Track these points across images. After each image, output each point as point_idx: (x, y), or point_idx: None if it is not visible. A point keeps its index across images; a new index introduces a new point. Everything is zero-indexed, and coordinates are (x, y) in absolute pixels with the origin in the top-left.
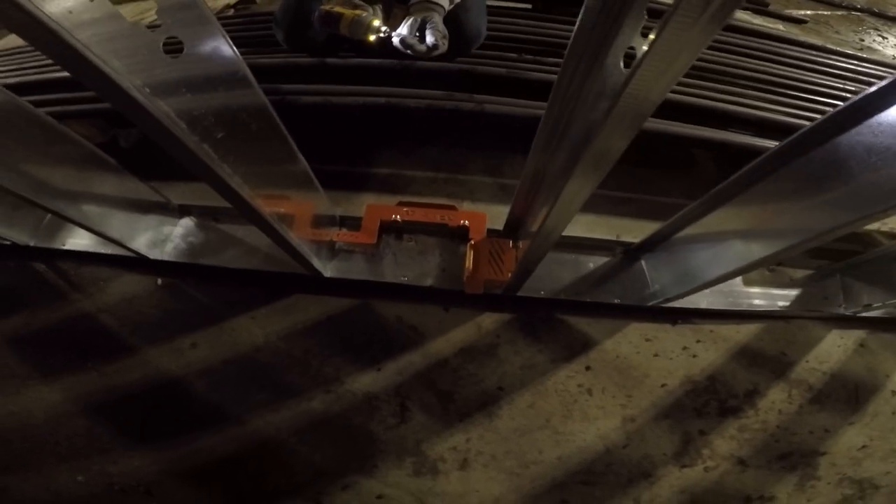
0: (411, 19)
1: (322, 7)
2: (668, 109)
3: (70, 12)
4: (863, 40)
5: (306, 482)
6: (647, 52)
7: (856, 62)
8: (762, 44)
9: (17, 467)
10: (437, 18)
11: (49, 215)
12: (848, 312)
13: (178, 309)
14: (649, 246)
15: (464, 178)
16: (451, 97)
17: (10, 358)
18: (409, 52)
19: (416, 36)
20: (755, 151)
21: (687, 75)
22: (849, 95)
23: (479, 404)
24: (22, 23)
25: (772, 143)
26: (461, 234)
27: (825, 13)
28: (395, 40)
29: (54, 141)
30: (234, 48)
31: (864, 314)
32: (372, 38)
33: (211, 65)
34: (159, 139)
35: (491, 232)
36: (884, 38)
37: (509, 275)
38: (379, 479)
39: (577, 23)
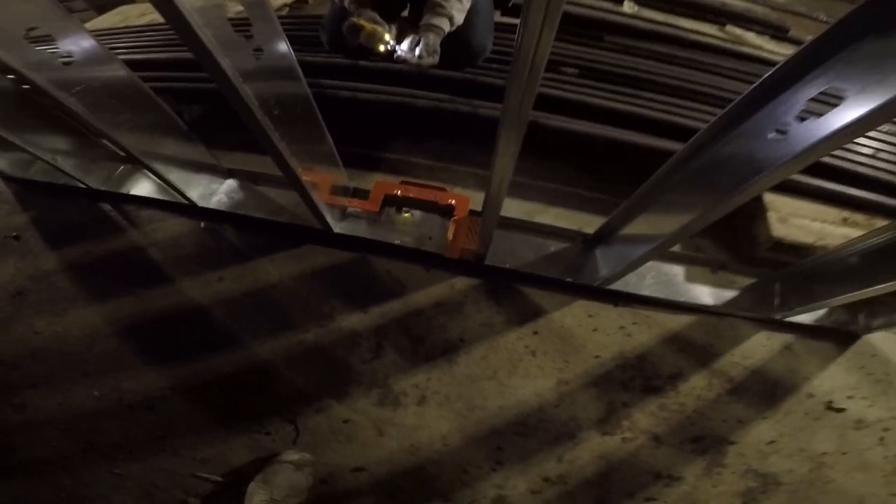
0: (412, 37)
1: (351, 19)
2: (650, 125)
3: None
4: None
5: (287, 403)
6: None
7: None
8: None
9: (42, 383)
10: (434, 38)
11: (122, 166)
12: (778, 316)
13: (213, 248)
14: (602, 237)
15: (458, 167)
16: (453, 101)
17: (66, 282)
18: (404, 62)
19: (412, 50)
20: None
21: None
22: None
23: (442, 350)
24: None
25: None
26: (448, 211)
27: None
28: (396, 52)
29: (154, 111)
30: (291, 48)
31: (792, 319)
32: (381, 48)
33: (275, 60)
34: (241, 113)
35: (473, 212)
36: None
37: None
38: (348, 406)
39: None
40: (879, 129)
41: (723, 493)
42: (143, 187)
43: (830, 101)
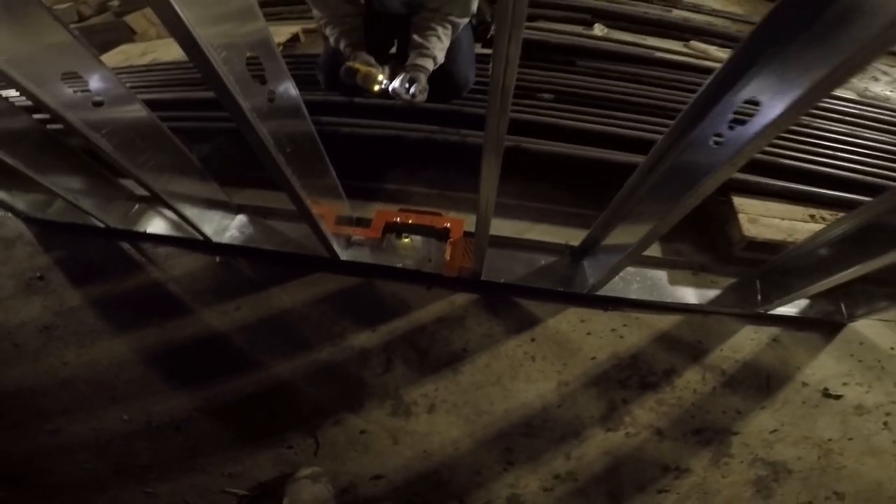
0: (402, 76)
1: (347, 63)
2: (622, 143)
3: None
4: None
5: (307, 417)
6: None
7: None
8: None
9: (74, 409)
10: (422, 77)
11: (137, 205)
12: (761, 310)
13: (229, 280)
14: (587, 249)
15: (451, 193)
16: (442, 131)
17: (91, 317)
18: (397, 99)
19: (404, 88)
20: None
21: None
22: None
23: (447, 361)
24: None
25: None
26: (444, 234)
27: None
28: (390, 90)
29: (171, 150)
30: (297, 90)
31: (776, 312)
32: (376, 88)
33: (285, 99)
34: (259, 151)
35: (467, 233)
36: (863, 70)
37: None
38: (363, 417)
39: None
40: (837, 132)
41: (734, 483)
42: (158, 225)
43: (751, 109)
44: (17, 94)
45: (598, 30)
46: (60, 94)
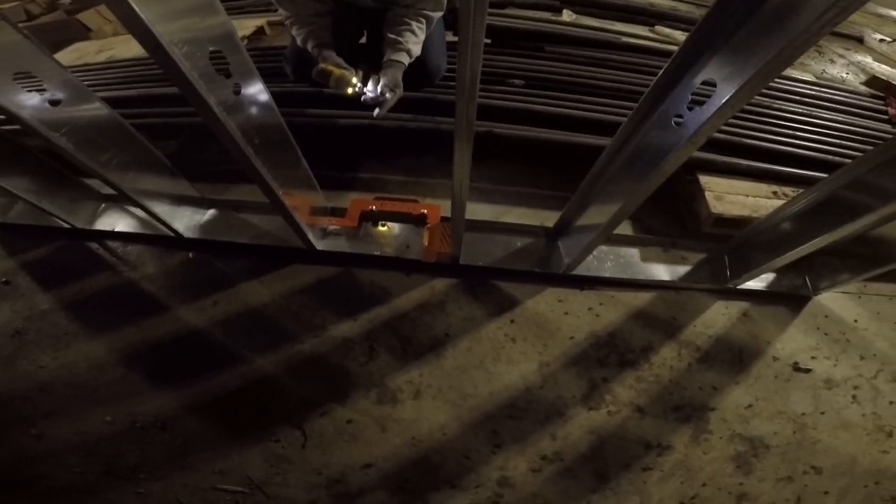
0: (376, 78)
1: (319, 65)
2: (591, 126)
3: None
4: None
5: (293, 410)
6: None
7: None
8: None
9: (57, 412)
10: (396, 73)
11: (104, 204)
12: (731, 285)
13: (204, 276)
14: (562, 230)
15: (427, 180)
16: (415, 119)
17: (63, 319)
18: (373, 101)
19: (381, 92)
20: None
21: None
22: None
23: (430, 346)
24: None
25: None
26: (421, 220)
27: None
28: (365, 94)
29: (135, 147)
30: (264, 83)
31: (745, 286)
32: (350, 91)
33: (251, 93)
34: (226, 144)
35: (444, 219)
36: (820, 53)
37: None
38: (349, 407)
39: None
40: (796, 113)
41: (715, 459)
42: (127, 223)
43: (709, 90)
44: None
45: (567, 16)
46: (13, 94)
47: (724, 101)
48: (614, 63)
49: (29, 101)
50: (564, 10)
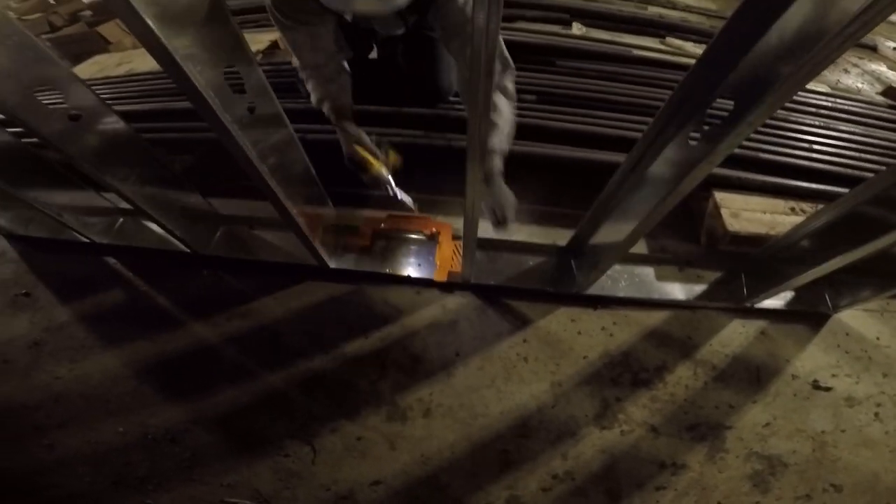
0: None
1: (352, 153)
2: (604, 142)
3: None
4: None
5: (303, 426)
6: None
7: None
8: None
9: (69, 423)
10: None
11: (121, 218)
12: (748, 304)
13: (218, 292)
14: (574, 249)
15: (439, 198)
16: (427, 136)
17: (81, 331)
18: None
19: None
20: None
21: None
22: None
23: (440, 365)
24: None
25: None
26: (433, 238)
27: None
28: (396, 194)
29: (151, 162)
30: (277, 100)
31: (762, 305)
32: (382, 189)
33: (265, 110)
34: (240, 161)
35: (456, 237)
36: (834, 63)
37: None
38: (359, 424)
39: None
40: (812, 125)
41: (731, 478)
42: (143, 238)
43: (727, 105)
44: None
45: (577, 29)
46: (35, 109)
47: (742, 118)
48: (626, 77)
49: (50, 115)
50: (574, 24)
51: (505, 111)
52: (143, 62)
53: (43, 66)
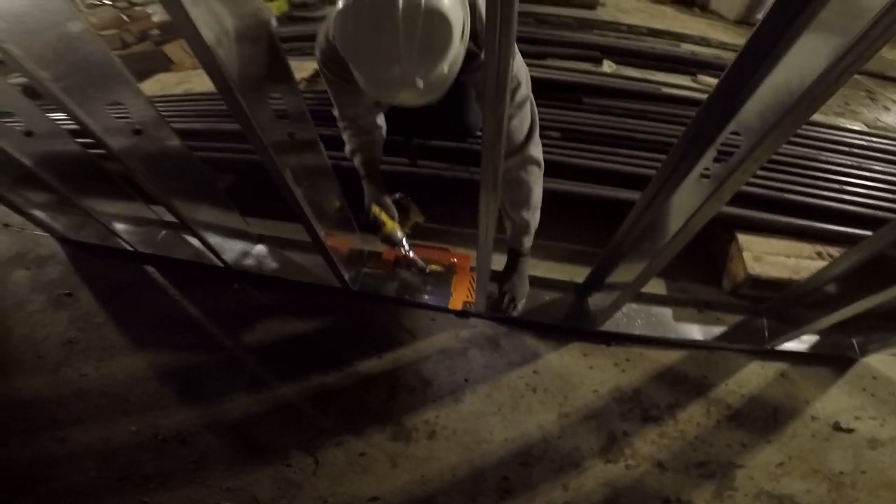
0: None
1: (373, 211)
2: (627, 180)
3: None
4: (847, 104)
5: (310, 438)
6: None
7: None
8: None
9: (86, 419)
10: None
11: (164, 231)
12: (768, 346)
13: (245, 306)
14: (591, 286)
15: (460, 229)
16: (451, 168)
17: (113, 333)
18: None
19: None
20: None
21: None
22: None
23: (449, 390)
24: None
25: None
26: (451, 269)
27: None
28: (408, 255)
29: (198, 179)
30: (314, 127)
31: (784, 347)
32: (395, 248)
33: (303, 136)
34: (277, 182)
35: (473, 269)
36: (873, 100)
37: None
38: (364, 440)
39: None
40: (845, 165)
41: None
42: (181, 250)
43: (737, 140)
44: (65, 117)
45: (607, 66)
46: (105, 122)
47: (748, 152)
48: (654, 115)
49: (116, 128)
50: (605, 61)
51: (535, 187)
52: (200, 82)
53: (116, 82)
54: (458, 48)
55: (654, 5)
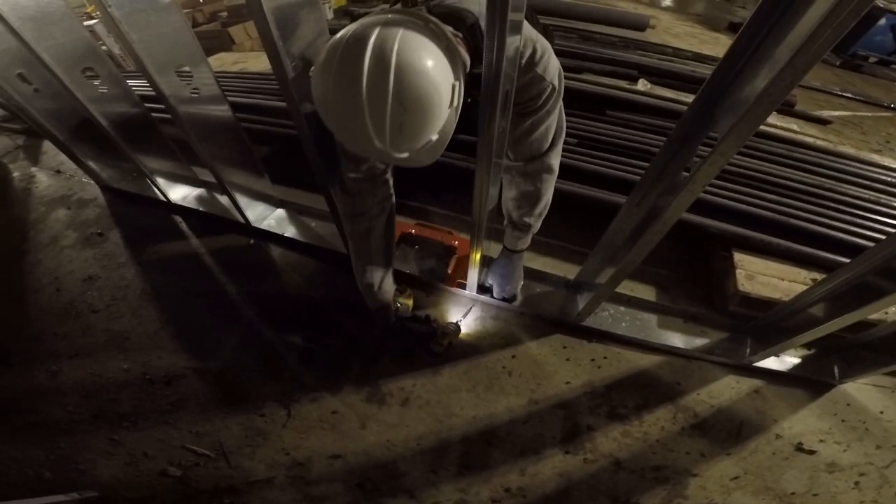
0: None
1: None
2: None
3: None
4: (888, 142)
5: (287, 392)
6: None
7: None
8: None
9: (83, 354)
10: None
11: (198, 189)
12: (746, 362)
13: (257, 260)
14: (581, 285)
15: (467, 217)
16: (466, 159)
17: (132, 274)
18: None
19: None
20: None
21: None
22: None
23: (430, 362)
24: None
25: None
26: (451, 251)
27: (865, 114)
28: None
29: (240, 147)
30: None
31: (763, 365)
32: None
33: None
34: (309, 153)
35: None
36: None
37: None
38: (339, 398)
39: None
40: (863, 197)
41: None
42: (211, 206)
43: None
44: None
45: (642, 85)
46: (172, 85)
47: (716, 148)
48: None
49: (180, 95)
50: (640, 80)
51: (545, 195)
52: (255, 63)
53: (188, 50)
54: (445, 115)
55: (709, 32)
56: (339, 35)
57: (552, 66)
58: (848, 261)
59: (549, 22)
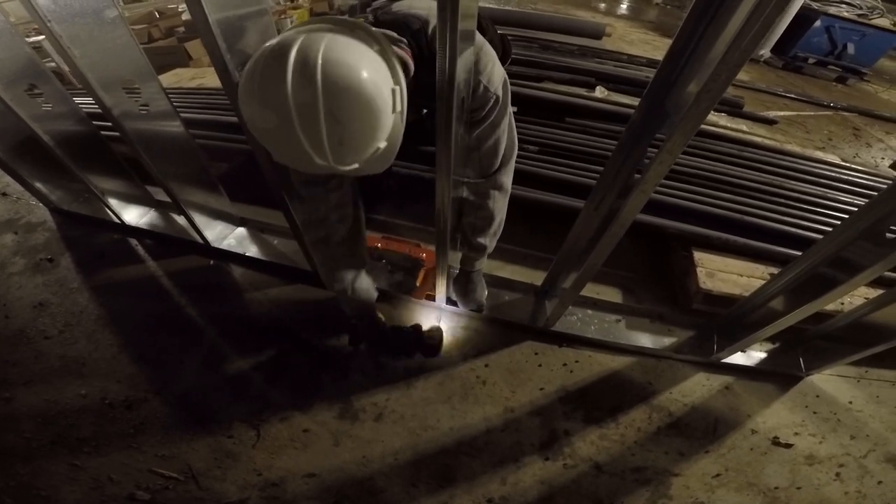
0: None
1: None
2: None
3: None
4: (830, 139)
5: (255, 411)
6: None
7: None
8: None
9: (37, 380)
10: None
11: (153, 209)
12: (714, 359)
13: (216, 281)
14: (548, 291)
15: (433, 228)
16: (430, 170)
17: (85, 299)
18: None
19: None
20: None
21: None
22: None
23: (402, 375)
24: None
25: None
26: (419, 263)
27: (807, 113)
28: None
29: (195, 164)
30: None
31: (731, 361)
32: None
33: None
34: (266, 172)
35: None
36: (857, 136)
37: None
38: (310, 416)
39: None
40: (812, 193)
41: None
42: (166, 227)
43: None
44: (86, 99)
45: (599, 92)
46: (119, 102)
47: (663, 147)
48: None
49: (128, 111)
50: (598, 87)
51: (498, 214)
52: (214, 79)
53: (135, 66)
54: (390, 121)
55: (661, 38)
56: (263, 46)
57: (496, 76)
58: (799, 253)
59: (509, 32)
